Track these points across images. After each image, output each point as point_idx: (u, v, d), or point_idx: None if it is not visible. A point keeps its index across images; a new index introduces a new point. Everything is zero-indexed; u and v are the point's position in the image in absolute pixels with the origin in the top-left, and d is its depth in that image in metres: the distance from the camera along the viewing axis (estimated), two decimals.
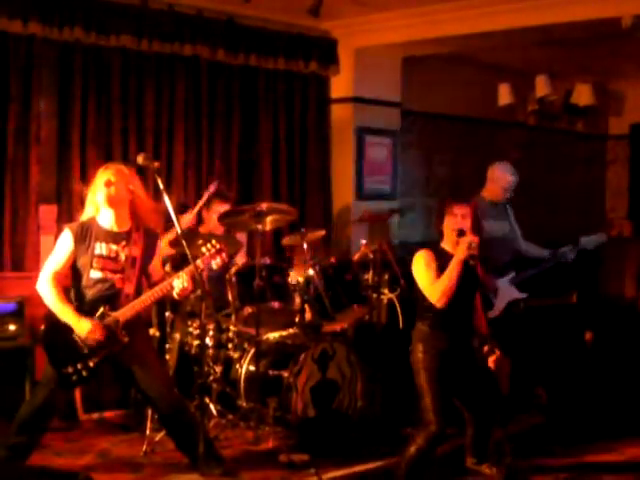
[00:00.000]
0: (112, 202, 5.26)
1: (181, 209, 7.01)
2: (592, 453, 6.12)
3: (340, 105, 8.69)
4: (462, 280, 5.14)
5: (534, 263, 6.86)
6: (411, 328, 5.40)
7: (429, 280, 5.18)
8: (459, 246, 5.14)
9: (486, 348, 5.26)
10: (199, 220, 7.13)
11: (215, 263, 5.33)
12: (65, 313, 5.17)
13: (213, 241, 5.35)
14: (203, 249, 5.30)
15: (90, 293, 5.24)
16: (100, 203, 5.27)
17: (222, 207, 6.90)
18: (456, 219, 5.22)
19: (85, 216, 5.35)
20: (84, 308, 5.20)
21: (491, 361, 5.27)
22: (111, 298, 5.24)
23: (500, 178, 6.83)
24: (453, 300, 5.13)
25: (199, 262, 5.26)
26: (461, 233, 5.16)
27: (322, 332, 6.58)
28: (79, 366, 5.17)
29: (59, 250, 5.27)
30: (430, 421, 5.13)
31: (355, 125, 8.68)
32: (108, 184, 5.24)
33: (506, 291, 6.60)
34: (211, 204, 6.97)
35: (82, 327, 5.13)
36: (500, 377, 6.56)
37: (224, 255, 5.35)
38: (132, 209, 5.35)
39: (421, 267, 5.23)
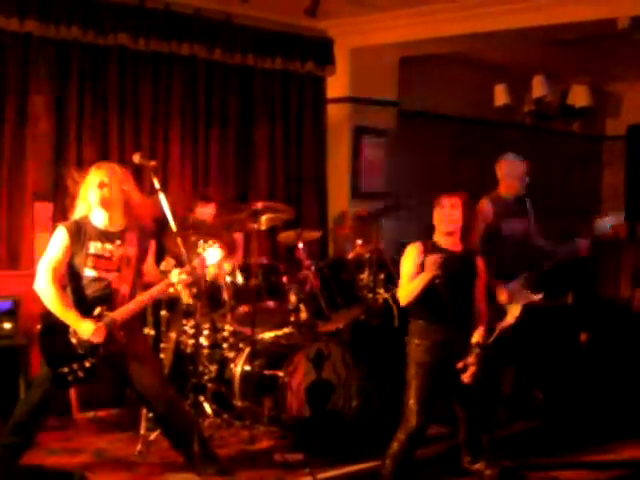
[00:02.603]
0: (105, 204, 5.24)
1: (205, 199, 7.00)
2: (589, 454, 6.12)
3: (336, 105, 8.69)
4: (457, 275, 5.15)
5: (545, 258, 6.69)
6: (406, 328, 5.40)
7: (407, 276, 5.22)
8: (425, 266, 5.12)
9: (461, 365, 5.19)
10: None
11: (212, 262, 5.33)
12: (65, 313, 5.14)
13: (210, 241, 5.35)
14: (200, 249, 5.30)
15: (86, 293, 5.22)
16: (93, 204, 5.25)
17: (205, 208, 6.88)
18: (444, 210, 5.22)
19: (77, 215, 5.32)
20: (81, 308, 5.18)
21: (466, 376, 5.20)
22: (107, 298, 5.22)
23: (513, 169, 6.67)
24: (448, 293, 5.14)
25: (196, 262, 5.25)
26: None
27: (317, 332, 6.58)
28: (75, 366, 5.14)
29: (55, 248, 5.23)
30: (410, 414, 5.15)
31: (351, 125, 8.68)
32: (101, 185, 5.21)
33: (519, 296, 6.28)
34: (194, 206, 6.94)
35: (84, 328, 5.11)
36: (504, 381, 6.57)
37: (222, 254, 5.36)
38: (126, 208, 5.33)
39: (406, 260, 5.26)
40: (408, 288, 5.19)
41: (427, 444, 5.65)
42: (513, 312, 6.30)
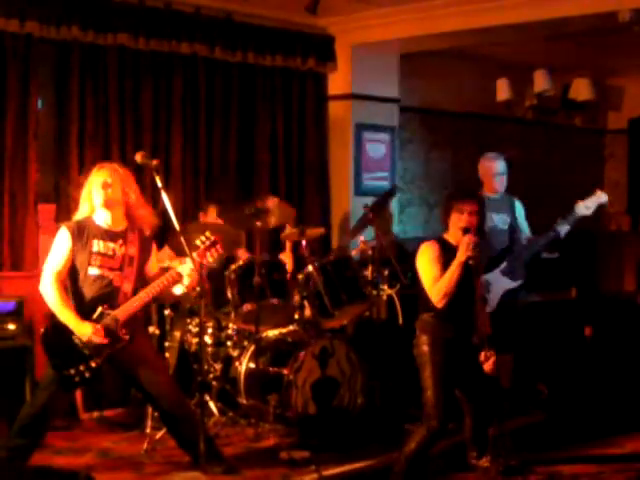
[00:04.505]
0: (109, 204, 5.24)
1: None
2: (593, 447, 6.12)
3: (338, 102, 8.69)
4: (466, 273, 5.13)
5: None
6: (411, 324, 5.39)
7: (432, 277, 5.15)
8: (460, 247, 5.12)
9: (483, 356, 5.19)
10: None
11: (210, 255, 5.31)
12: (66, 316, 5.14)
13: (207, 233, 5.32)
14: (197, 242, 5.28)
15: (88, 291, 5.22)
16: (97, 205, 5.25)
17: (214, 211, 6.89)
18: (464, 215, 5.18)
19: (80, 215, 5.32)
20: (82, 307, 5.19)
21: (488, 367, 5.20)
22: (109, 296, 5.23)
23: (487, 168, 6.80)
24: (457, 291, 5.12)
25: (195, 255, 5.24)
26: (466, 231, 5.14)
27: (322, 329, 6.58)
28: (81, 367, 5.15)
29: (58, 249, 5.25)
30: (431, 416, 5.11)
31: (353, 121, 8.68)
32: (105, 186, 5.21)
33: (498, 283, 6.44)
34: (207, 209, 6.94)
35: (84, 331, 5.12)
36: (502, 373, 6.55)
37: (219, 247, 5.31)
38: (127, 209, 5.33)
39: (426, 261, 5.20)
40: (442, 285, 5.10)
41: None
42: (492, 300, 6.38)
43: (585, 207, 6.43)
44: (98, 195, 5.22)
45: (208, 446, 5.29)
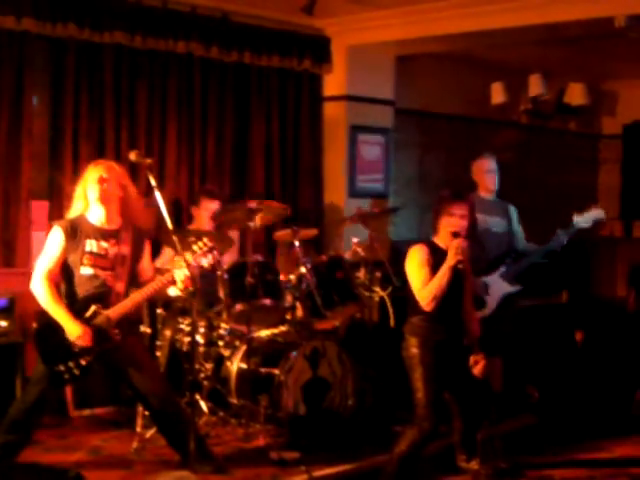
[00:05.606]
0: (104, 199, 5.26)
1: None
2: (583, 452, 6.14)
3: (333, 103, 8.69)
4: (455, 276, 5.13)
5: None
6: (402, 327, 5.39)
7: (421, 281, 5.15)
8: (449, 251, 5.12)
9: (472, 360, 5.21)
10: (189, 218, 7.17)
11: (206, 261, 5.33)
12: (58, 314, 5.15)
13: (204, 239, 5.35)
14: (195, 247, 5.30)
15: (81, 291, 5.23)
16: (92, 200, 5.26)
17: (211, 204, 6.90)
18: (454, 219, 5.18)
19: (73, 213, 5.34)
20: (75, 306, 5.20)
21: (477, 370, 5.22)
22: (102, 296, 5.23)
23: (480, 166, 6.86)
24: (446, 295, 5.12)
25: (190, 259, 5.25)
26: (455, 235, 5.13)
27: (313, 330, 6.58)
28: (71, 364, 5.16)
29: (50, 248, 5.25)
30: (423, 417, 5.12)
31: (348, 123, 8.68)
32: (101, 181, 5.23)
33: (497, 287, 6.53)
34: (200, 202, 6.97)
35: (73, 330, 5.12)
36: (492, 376, 6.57)
37: (215, 253, 5.36)
38: (122, 207, 5.34)
39: (414, 265, 5.20)
40: (431, 289, 5.11)
41: None
42: (491, 303, 6.43)
43: (584, 221, 6.51)
44: (93, 190, 5.23)
45: (198, 445, 5.30)
